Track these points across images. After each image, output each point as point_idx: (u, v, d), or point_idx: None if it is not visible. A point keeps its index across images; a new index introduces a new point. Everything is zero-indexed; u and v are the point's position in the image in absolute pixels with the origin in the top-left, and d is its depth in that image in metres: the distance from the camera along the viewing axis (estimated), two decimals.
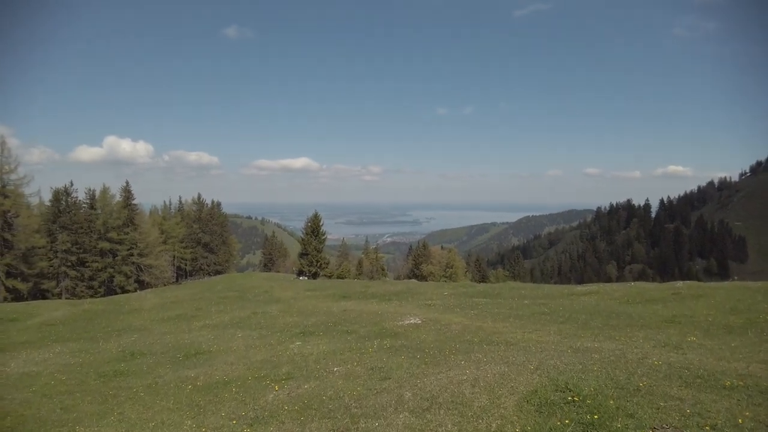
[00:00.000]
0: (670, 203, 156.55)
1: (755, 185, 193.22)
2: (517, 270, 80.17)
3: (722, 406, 5.28)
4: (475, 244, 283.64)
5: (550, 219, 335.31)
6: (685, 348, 8.74)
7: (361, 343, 11.73)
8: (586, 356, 8.00)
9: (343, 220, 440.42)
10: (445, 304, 18.53)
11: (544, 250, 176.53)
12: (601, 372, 6.78)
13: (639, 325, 12.12)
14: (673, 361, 7.42)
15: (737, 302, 14.52)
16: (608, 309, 15.18)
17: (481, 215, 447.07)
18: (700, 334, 10.36)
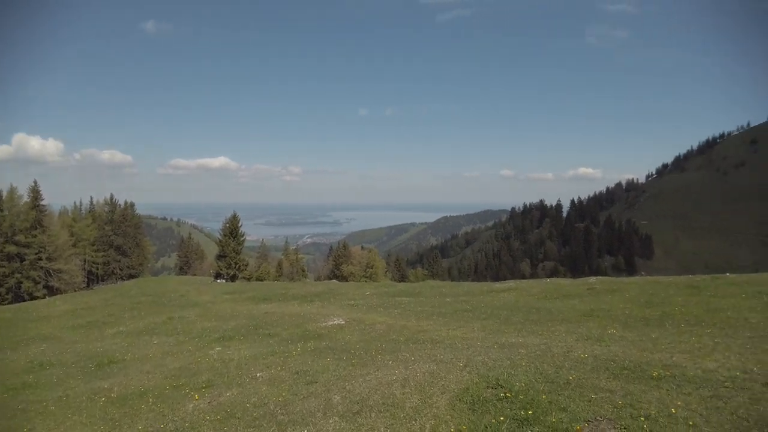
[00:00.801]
0: (580, 203, 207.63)
1: (660, 186, 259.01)
2: (435, 269, 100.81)
3: (653, 396, 6.47)
4: (394, 244, 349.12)
5: (467, 219, 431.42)
6: (608, 340, 10.76)
7: (285, 347, 13.81)
8: (513, 351, 9.64)
9: (262, 221, 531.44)
10: (368, 304, 22.55)
11: (461, 249, 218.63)
12: (529, 367, 8.20)
13: (559, 319, 15.08)
14: (598, 354, 9.04)
15: (651, 296, 18.52)
16: (528, 305, 18.90)
17: (400, 216, 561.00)
18: (619, 327, 12.87)
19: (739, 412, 5.89)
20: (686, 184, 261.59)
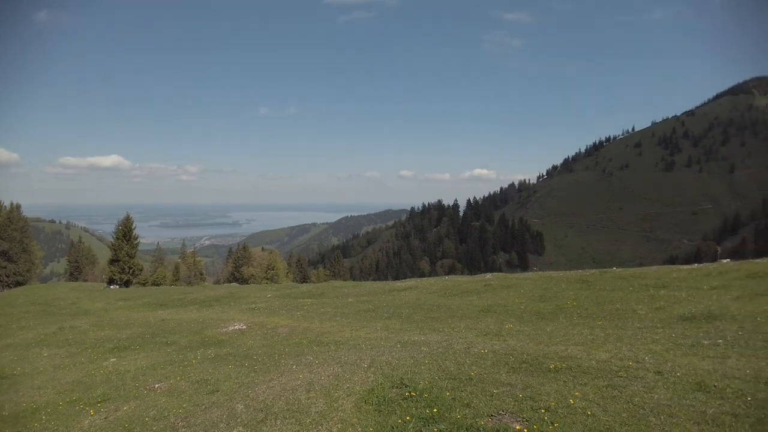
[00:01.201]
0: (476, 203, 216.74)
1: (551, 186, 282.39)
2: (337, 269, 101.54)
3: (551, 388, 6.75)
4: (296, 245, 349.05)
5: (368, 219, 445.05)
6: (506, 335, 11.19)
7: (184, 355, 13.35)
8: (416, 350, 9.82)
9: (158, 223, 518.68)
10: (270, 307, 22.32)
11: (362, 248, 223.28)
12: (432, 364, 8.37)
13: (459, 316, 15.51)
14: (497, 349, 9.38)
15: (544, 291, 19.52)
16: (428, 302, 19.35)
17: (302, 216, 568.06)
18: (516, 322, 13.49)
19: (635, 400, 6.23)
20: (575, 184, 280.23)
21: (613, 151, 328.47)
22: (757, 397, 6.01)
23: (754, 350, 8.32)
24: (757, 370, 7.12)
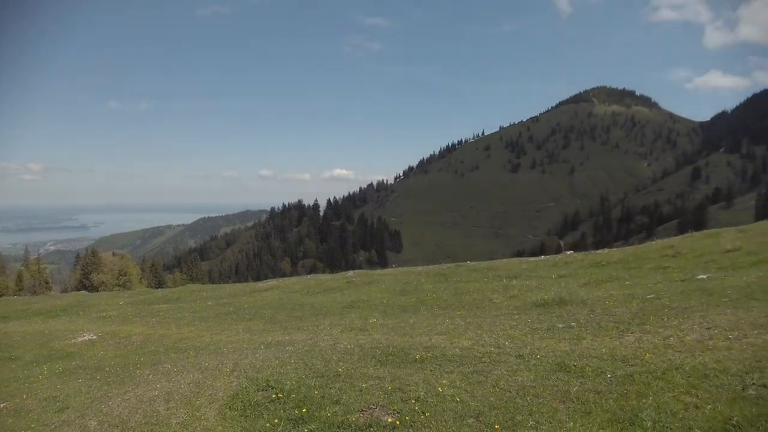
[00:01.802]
0: (336, 203, 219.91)
1: (407, 186, 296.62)
2: (195, 272, 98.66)
3: (419, 378, 6.72)
4: (150, 248, 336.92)
5: (227, 220, 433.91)
6: (370, 329, 11.19)
7: (29, 371, 12.21)
8: (281, 350, 9.48)
9: None
10: (123, 315, 20.93)
11: (221, 250, 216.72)
12: (299, 363, 8.09)
13: (323, 313, 15.39)
14: (363, 343, 9.28)
15: (405, 285, 20.03)
16: (291, 301, 19.13)
17: (156, 217, 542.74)
18: (379, 316, 13.54)
19: (500, 384, 6.35)
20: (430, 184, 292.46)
21: (464, 154, 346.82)
22: (616, 373, 6.33)
23: (606, 330, 8.85)
24: (611, 349, 7.54)
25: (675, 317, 9.12)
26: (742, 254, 17.79)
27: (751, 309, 8.86)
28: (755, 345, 6.77)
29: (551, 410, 5.39)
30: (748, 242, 20.02)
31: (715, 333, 7.61)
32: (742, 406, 4.87)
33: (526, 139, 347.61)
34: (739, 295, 10.48)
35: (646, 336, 8.14)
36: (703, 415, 4.84)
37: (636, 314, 9.94)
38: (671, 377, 5.94)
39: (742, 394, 5.23)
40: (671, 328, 8.30)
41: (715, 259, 17.99)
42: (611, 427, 4.85)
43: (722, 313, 8.80)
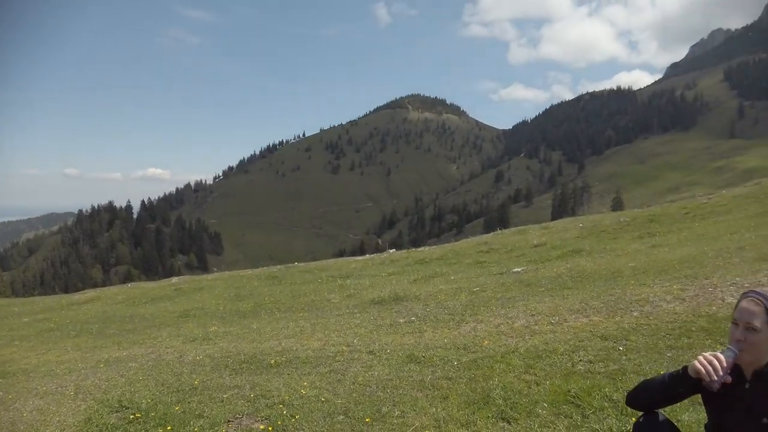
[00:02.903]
0: (151, 204, 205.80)
1: (228, 187, 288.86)
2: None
3: (279, 382, 6.73)
4: None
5: (29, 224, 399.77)
6: (214, 338, 10.87)
7: None
8: (123, 367, 8.87)
9: None
10: None
11: (24, 259, 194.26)
12: (148, 380, 7.66)
13: (157, 324, 14.50)
14: (212, 353, 9.04)
15: (238, 290, 19.70)
16: (118, 313, 17.79)
17: None
18: (219, 323, 13.17)
19: (359, 379, 6.58)
20: (251, 184, 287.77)
21: (286, 154, 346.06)
22: (461, 360, 6.86)
23: (444, 322, 9.52)
24: (452, 339, 8.15)
25: (502, 307, 10.05)
26: (548, 248, 19.89)
27: (566, 297, 10.05)
28: (575, 327, 7.74)
29: (412, 399, 5.73)
30: (552, 238, 22.42)
31: (539, 319, 8.55)
32: (575, 380, 5.57)
33: (345, 142, 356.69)
34: (553, 285, 11.81)
35: (480, 325, 8.89)
36: (545, 390, 5.45)
37: (467, 306, 10.76)
38: (510, 360, 6.58)
39: (572, 369, 5.98)
40: (500, 317, 9.15)
41: (525, 253, 19.92)
42: (469, 407, 5.28)
43: (542, 302, 9.88)
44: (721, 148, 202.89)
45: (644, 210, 29.61)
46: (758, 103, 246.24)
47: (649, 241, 18.55)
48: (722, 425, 2.74)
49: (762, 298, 2.59)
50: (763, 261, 10.57)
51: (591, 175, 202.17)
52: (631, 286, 10.00)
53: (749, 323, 2.56)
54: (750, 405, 2.61)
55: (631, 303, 8.62)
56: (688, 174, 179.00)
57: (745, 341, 2.57)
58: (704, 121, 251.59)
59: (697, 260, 12.20)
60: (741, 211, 21.77)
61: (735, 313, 2.68)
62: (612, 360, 6.19)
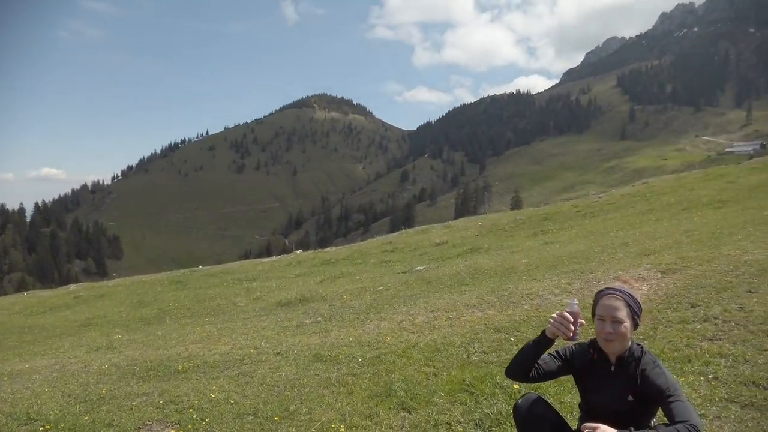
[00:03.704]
0: (45, 206, 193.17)
1: (126, 187, 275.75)
2: None
3: (188, 388, 6.79)
4: None
5: None
6: (119, 347, 10.72)
7: None
8: (27, 379, 8.63)
9: None
10: None
11: None
12: (54, 392, 7.48)
13: (57, 334, 14.05)
14: (117, 362, 8.92)
15: (141, 296, 19.25)
16: (16, 324, 17.06)
17: None
18: (123, 331, 12.91)
19: (267, 381, 6.81)
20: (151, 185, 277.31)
21: (188, 153, 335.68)
22: (366, 357, 7.23)
23: (349, 321, 9.90)
24: (357, 337, 8.52)
25: (404, 304, 10.55)
26: (449, 246, 20.72)
27: (463, 293, 10.68)
28: (471, 321, 8.32)
29: (319, 396, 6.01)
30: (453, 236, 23.32)
31: (439, 314, 9.09)
32: (470, 369, 6.06)
33: (251, 141, 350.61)
34: (452, 282, 12.47)
35: (383, 322, 9.32)
36: (442, 380, 5.90)
37: (371, 305, 11.19)
38: (411, 354, 7.01)
39: (468, 360, 6.49)
40: (402, 314, 9.62)
41: (427, 251, 20.65)
42: (372, 400, 5.63)
43: (441, 298, 10.45)
44: (612, 150, 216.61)
45: (539, 209, 31.30)
46: (648, 108, 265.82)
47: (542, 238, 19.74)
48: (592, 404, 3.22)
49: (619, 292, 3.09)
50: (644, 255, 11.57)
51: (492, 175, 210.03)
52: (524, 281, 10.74)
53: (615, 317, 3.03)
54: (616, 386, 3.10)
55: (523, 297, 9.29)
56: (582, 174, 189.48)
57: (615, 333, 3.03)
58: (597, 124, 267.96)
59: (585, 256, 13.19)
60: (628, 209, 23.48)
61: (598, 311, 3.14)
62: (504, 350, 6.73)
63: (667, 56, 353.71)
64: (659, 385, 2.92)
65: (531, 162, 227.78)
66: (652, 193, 26.60)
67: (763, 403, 4.33)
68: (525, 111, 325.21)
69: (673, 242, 12.89)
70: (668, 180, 33.19)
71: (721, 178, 26.91)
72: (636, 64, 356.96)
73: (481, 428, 4.76)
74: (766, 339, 5.61)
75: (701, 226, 15.01)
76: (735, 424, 4.09)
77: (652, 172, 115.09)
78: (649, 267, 9.79)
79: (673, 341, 6.03)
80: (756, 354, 5.31)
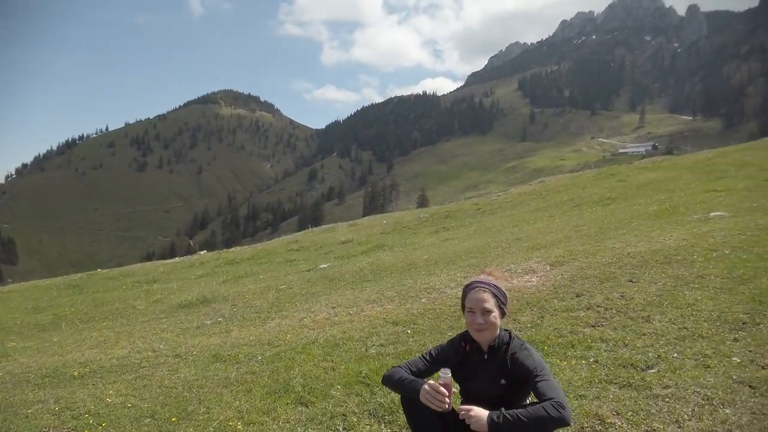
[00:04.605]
0: None
1: (21, 187, 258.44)
2: None
3: (84, 393, 6.65)
4: None
5: None
6: (13, 354, 10.26)
7: None
8: None
9: None
10: None
11: None
12: None
13: None
14: (11, 370, 8.62)
15: (36, 301, 18.29)
16: None
17: None
18: (17, 338, 12.31)
19: (165, 383, 6.77)
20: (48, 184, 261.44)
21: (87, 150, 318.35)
22: (265, 355, 7.33)
23: (251, 321, 9.95)
24: (257, 336, 8.60)
25: (306, 302, 10.71)
26: (354, 245, 21.00)
27: (364, 289, 10.95)
28: (371, 316, 8.58)
29: (217, 395, 6.04)
30: (359, 234, 23.62)
31: (339, 311, 9.30)
32: (367, 362, 6.28)
33: (153, 137, 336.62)
34: (355, 279, 12.74)
35: (284, 321, 9.44)
36: (340, 373, 6.08)
37: (273, 304, 11.28)
38: (310, 350, 7.17)
39: (366, 354, 6.72)
40: (304, 312, 9.77)
41: (332, 250, 20.84)
42: (270, 397, 5.74)
43: (343, 295, 10.68)
44: (514, 150, 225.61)
45: (442, 207, 32.25)
46: (548, 110, 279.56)
47: (443, 235, 20.40)
48: (470, 391, 3.48)
49: (485, 285, 3.35)
50: (535, 249, 12.27)
51: (399, 174, 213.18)
52: (422, 276, 11.15)
53: (484, 308, 3.29)
54: (490, 372, 3.36)
55: (421, 291, 9.66)
56: (484, 173, 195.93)
57: (485, 323, 3.29)
58: (500, 126, 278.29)
59: (481, 251, 13.80)
60: (525, 207, 24.62)
61: (468, 304, 3.38)
62: (401, 342, 7.02)
63: (567, 62, 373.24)
64: (527, 366, 3.15)
65: (437, 162, 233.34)
66: (548, 191, 28.01)
67: (640, 383, 4.71)
68: (431, 112, 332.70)
69: (563, 237, 13.70)
70: (563, 179, 35.08)
71: (612, 177, 28.67)
72: (537, 68, 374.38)
73: (375, 417, 4.96)
74: (644, 324, 6.14)
75: (590, 221, 16.01)
76: (613, 404, 4.42)
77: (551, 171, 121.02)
78: (539, 260, 10.38)
79: (559, 328, 6.48)
80: (635, 338, 5.79)
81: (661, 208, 15.79)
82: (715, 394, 4.32)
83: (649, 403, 4.34)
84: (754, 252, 8.40)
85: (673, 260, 8.62)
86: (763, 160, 23.99)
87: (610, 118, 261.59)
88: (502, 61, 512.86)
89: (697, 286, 7.22)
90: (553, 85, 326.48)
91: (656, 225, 12.84)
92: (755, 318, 5.80)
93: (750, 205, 13.95)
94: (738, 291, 6.75)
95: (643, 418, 4.13)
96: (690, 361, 5.05)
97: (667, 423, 4.02)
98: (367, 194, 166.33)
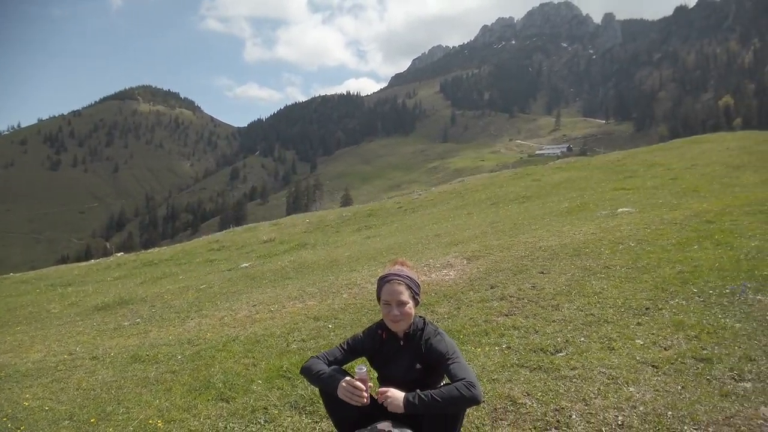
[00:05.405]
0: None
1: None
2: None
3: (1, 397, 6.41)
4: None
5: None
6: None
7: None
8: None
9: None
10: None
11: None
12: None
13: None
14: None
15: None
16: None
17: None
18: None
19: (83, 385, 6.61)
20: None
21: None
22: (185, 354, 7.25)
23: (170, 321, 9.79)
24: (177, 335, 8.48)
25: (226, 300, 10.64)
26: (276, 243, 20.91)
27: (286, 286, 10.99)
28: (292, 312, 8.64)
29: (136, 395, 5.95)
30: (281, 233, 23.52)
31: (261, 308, 9.31)
32: (288, 357, 6.33)
33: (67, 134, 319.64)
34: (276, 277, 12.74)
35: (204, 320, 9.35)
36: (261, 369, 6.11)
37: (193, 303, 11.14)
38: (231, 347, 7.15)
39: (287, 349, 6.77)
40: (225, 310, 9.71)
41: (254, 249, 20.68)
42: (190, 394, 5.70)
43: (264, 293, 10.68)
44: (436, 151, 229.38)
45: (365, 206, 32.49)
46: (468, 112, 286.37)
47: (366, 233, 20.64)
48: (387, 377, 3.61)
49: (399, 277, 3.51)
50: (454, 245, 12.64)
51: (323, 174, 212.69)
52: (344, 273, 11.30)
53: (399, 300, 3.44)
54: (406, 358, 3.52)
55: (342, 287, 9.80)
56: (407, 173, 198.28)
57: (401, 314, 3.43)
58: (422, 127, 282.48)
59: (402, 247, 14.10)
60: (444, 205, 25.18)
61: (383, 296, 3.52)
62: (322, 336, 7.12)
63: (487, 66, 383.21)
64: (440, 350, 3.29)
65: (360, 161, 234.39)
66: (467, 190, 28.77)
67: (550, 366, 5.00)
68: (355, 112, 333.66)
69: (479, 233, 14.17)
70: (482, 179, 36.09)
71: (528, 176, 29.75)
72: (458, 71, 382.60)
73: (296, 409, 5.04)
74: (554, 312, 6.50)
75: (506, 218, 16.61)
76: (524, 385, 4.68)
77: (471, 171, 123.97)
78: (456, 255, 10.71)
79: (474, 318, 6.75)
80: (545, 325, 6.12)
81: (572, 206, 16.58)
82: (620, 373, 4.64)
83: (558, 383, 4.62)
84: (658, 244, 8.99)
85: (582, 253, 9.11)
86: (670, 161, 25.54)
87: (528, 121, 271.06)
88: (425, 64, 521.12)
89: (603, 276, 7.68)
90: (474, 88, 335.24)
91: (567, 221, 13.50)
92: (657, 304, 6.25)
93: (656, 201, 14.86)
94: (642, 279, 7.23)
95: (552, 397, 4.38)
96: (596, 344, 5.40)
97: (574, 401, 4.28)
98: (291, 194, 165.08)
